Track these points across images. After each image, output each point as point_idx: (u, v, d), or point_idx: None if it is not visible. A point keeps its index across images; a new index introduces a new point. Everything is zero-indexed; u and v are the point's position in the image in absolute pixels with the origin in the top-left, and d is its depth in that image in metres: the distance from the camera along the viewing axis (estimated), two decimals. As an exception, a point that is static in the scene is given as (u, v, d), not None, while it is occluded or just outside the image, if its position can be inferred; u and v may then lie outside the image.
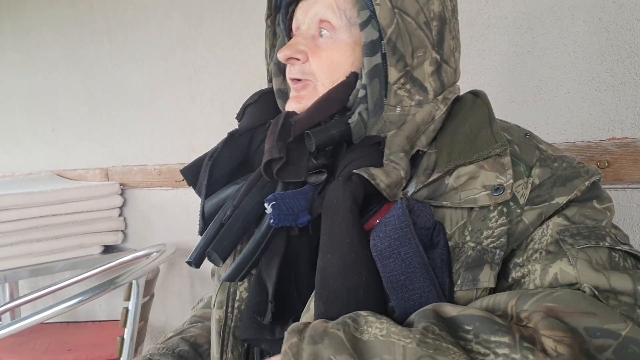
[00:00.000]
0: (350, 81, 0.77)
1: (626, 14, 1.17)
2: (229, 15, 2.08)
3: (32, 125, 3.20)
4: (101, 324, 2.40)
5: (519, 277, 0.67)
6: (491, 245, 0.68)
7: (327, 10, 0.77)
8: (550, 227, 0.68)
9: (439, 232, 0.68)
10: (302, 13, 0.80)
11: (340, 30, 0.77)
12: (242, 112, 0.88)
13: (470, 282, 0.67)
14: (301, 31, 0.81)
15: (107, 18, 2.60)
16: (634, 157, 1.17)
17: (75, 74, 2.84)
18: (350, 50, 0.77)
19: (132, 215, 2.60)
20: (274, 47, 0.88)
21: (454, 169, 0.71)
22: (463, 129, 0.75)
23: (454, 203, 0.69)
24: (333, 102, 0.77)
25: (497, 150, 0.70)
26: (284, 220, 0.72)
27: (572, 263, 0.63)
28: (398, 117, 0.75)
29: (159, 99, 2.41)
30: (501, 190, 0.68)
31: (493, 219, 0.68)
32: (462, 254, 0.68)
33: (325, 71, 0.78)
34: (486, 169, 0.70)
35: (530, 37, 1.30)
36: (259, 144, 0.85)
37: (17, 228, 2.28)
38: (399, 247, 0.65)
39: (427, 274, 0.65)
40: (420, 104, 0.76)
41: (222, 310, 0.83)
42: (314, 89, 0.80)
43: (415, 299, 0.65)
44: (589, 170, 0.72)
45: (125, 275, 1.78)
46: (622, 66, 1.19)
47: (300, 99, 0.80)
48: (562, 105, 1.27)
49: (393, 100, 0.75)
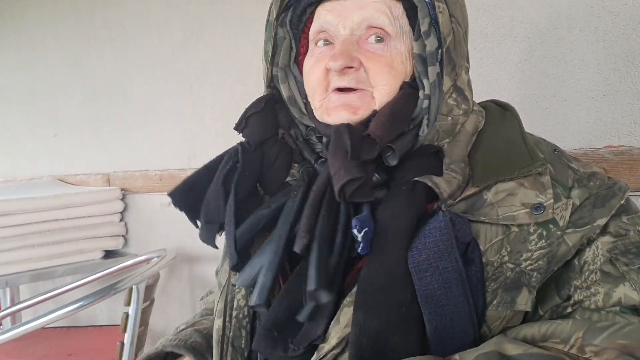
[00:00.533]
0: (411, 92, 0.75)
1: (622, 23, 1.18)
2: (230, 22, 2.09)
3: (34, 131, 3.21)
4: (102, 328, 2.41)
5: (581, 299, 0.68)
6: (529, 267, 0.68)
7: (380, 16, 0.73)
8: (599, 247, 0.69)
9: (474, 249, 0.67)
10: (338, 15, 0.74)
11: (396, 38, 0.74)
12: (245, 121, 0.80)
13: (508, 303, 0.68)
14: (342, 36, 0.75)
15: (109, 25, 2.61)
16: (630, 165, 1.18)
17: (77, 79, 2.85)
18: (406, 59, 0.75)
19: (133, 220, 2.61)
20: (277, 50, 0.82)
21: (493, 184, 0.70)
22: (497, 144, 0.75)
23: (492, 219, 0.68)
24: (406, 115, 0.74)
25: (539, 169, 0.70)
26: (368, 246, 0.68)
27: (635, 288, 0.66)
28: (450, 126, 0.74)
29: (160, 105, 2.42)
30: (542, 209, 0.68)
31: (533, 241, 0.69)
32: (499, 274, 0.68)
33: (387, 79, 0.74)
34: (526, 187, 0.69)
35: (528, 45, 1.32)
36: (274, 158, 0.80)
37: (19, 233, 2.28)
38: (437, 261, 0.64)
39: (462, 289, 0.64)
40: (466, 113, 0.76)
41: (220, 320, 0.82)
42: (370, 97, 0.74)
43: (447, 313, 0.64)
44: (622, 187, 0.74)
45: (126, 281, 1.79)
46: (619, 75, 1.20)
47: (357, 109, 0.74)
48: (559, 113, 1.28)
49: (445, 110, 0.73)
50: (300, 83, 0.82)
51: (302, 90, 0.82)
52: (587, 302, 0.67)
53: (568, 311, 0.69)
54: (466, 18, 0.78)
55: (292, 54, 0.82)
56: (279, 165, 0.80)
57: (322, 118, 0.77)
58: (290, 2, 0.79)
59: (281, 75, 0.82)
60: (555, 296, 0.70)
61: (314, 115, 0.80)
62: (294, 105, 0.83)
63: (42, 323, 1.66)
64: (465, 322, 0.65)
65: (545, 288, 0.71)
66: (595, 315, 0.66)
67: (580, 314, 0.67)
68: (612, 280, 0.67)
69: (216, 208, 0.78)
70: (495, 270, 0.68)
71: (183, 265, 2.39)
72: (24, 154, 3.33)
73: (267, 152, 0.80)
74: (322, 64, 0.75)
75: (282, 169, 0.81)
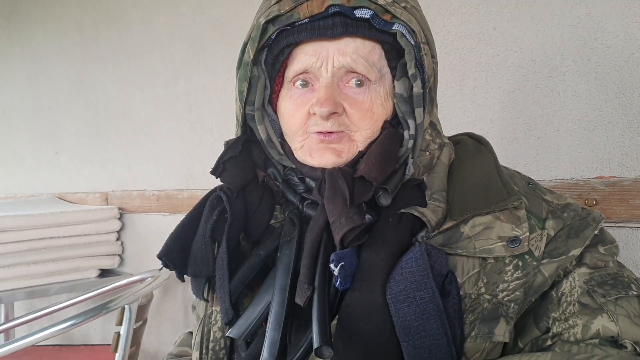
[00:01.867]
0: (395, 133, 0.75)
1: (614, 55, 1.19)
2: (230, 45, 2.12)
3: (35, 148, 3.23)
4: (94, 347, 2.39)
5: (559, 332, 0.68)
6: (506, 298, 0.69)
7: (359, 65, 0.73)
8: (576, 278, 0.70)
9: (451, 281, 0.67)
10: (317, 59, 0.74)
11: (375, 82, 0.75)
12: (222, 165, 0.78)
13: (486, 335, 0.68)
14: (324, 79, 0.74)
15: (112, 45, 2.64)
16: (621, 196, 1.18)
17: (80, 98, 2.88)
18: (385, 101, 0.76)
19: (130, 239, 2.61)
20: (251, 89, 0.79)
21: (469, 218, 0.70)
22: (472, 178, 0.76)
23: (469, 252, 0.69)
24: (394, 155, 0.74)
25: (515, 203, 0.70)
26: (348, 281, 0.68)
27: (613, 319, 0.66)
28: (428, 160, 0.77)
29: (160, 125, 2.44)
30: (517, 242, 0.69)
31: (509, 272, 0.69)
32: (477, 305, 0.69)
33: (369, 123, 0.74)
34: (502, 220, 0.70)
35: (521, 75, 1.33)
36: (258, 203, 0.80)
37: (15, 250, 2.28)
38: (414, 291, 0.64)
39: (440, 321, 0.64)
40: (441, 147, 0.79)
41: (197, 352, 0.81)
42: (350, 140, 0.75)
43: (425, 346, 0.64)
44: (595, 218, 0.74)
45: (118, 300, 1.78)
46: (610, 106, 1.20)
47: (341, 152, 0.74)
48: (551, 143, 1.29)
49: (423, 145, 0.77)
50: (275, 122, 0.81)
51: (277, 129, 0.81)
52: (566, 335, 0.67)
53: (548, 344, 0.68)
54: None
55: (266, 93, 0.80)
56: (263, 210, 0.80)
57: (304, 160, 0.77)
58: (266, 43, 0.76)
59: (257, 116, 0.79)
60: (534, 328, 0.70)
61: (293, 156, 0.79)
62: (271, 147, 0.81)
63: (33, 340, 1.65)
64: (444, 354, 0.64)
65: (523, 320, 0.71)
66: (574, 347, 0.66)
67: (559, 346, 0.67)
68: (590, 312, 0.67)
69: (204, 262, 0.76)
70: (473, 302, 0.69)
71: (177, 286, 2.38)
72: (24, 171, 3.34)
73: (249, 197, 0.80)
74: (305, 108, 0.75)
75: (266, 213, 0.81)
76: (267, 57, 0.78)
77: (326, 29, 0.72)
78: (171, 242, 0.78)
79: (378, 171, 0.70)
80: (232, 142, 0.80)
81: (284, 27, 0.73)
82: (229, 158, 0.79)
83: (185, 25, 2.28)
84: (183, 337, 1.07)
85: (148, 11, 2.44)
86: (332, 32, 0.71)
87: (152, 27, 2.43)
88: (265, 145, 0.81)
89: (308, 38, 0.73)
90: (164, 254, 0.77)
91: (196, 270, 0.77)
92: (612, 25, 1.19)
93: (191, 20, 2.25)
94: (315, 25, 0.72)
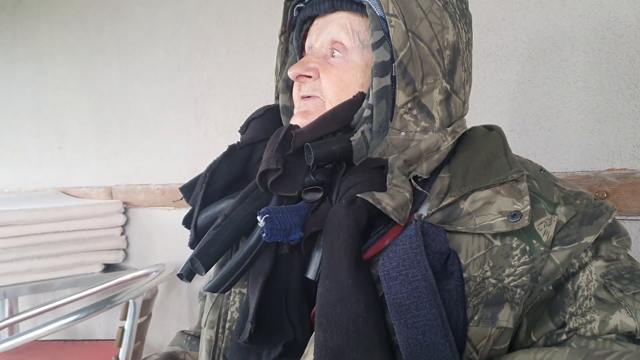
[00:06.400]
0: (357, 100, 0.77)
1: (626, 45, 1.17)
2: (235, 39, 2.10)
3: (40, 143, 3.23)
4: (98, 343, 2.39)
5: (576, 327, 0.67)
6: (512, 283, 0.67)
7: (340, 31, 0.78)
8: (593, 272, 0.68)
9: (454, 262, 0.66)
10: (316, 32, 0.81)
11: (352, 51, 0.78)
12: (246, 125, 0.88)
13: (489, 319, 0.66)
14: (314, 50, 0.81)
15: (116, 40, 2.63)
16: (632, 188, 1.16)
17: (84, 93, 2.87)
18: (361, 71, 0.78)
19: (134, 234, 2.61)
20: (285, 64, 0.89)
21: (469, 194, 0.70)
22: (478, 156, 0.75)
23: (469, 228, 0.68)
24: (337, 119, 0.77)
25: (514, 175, 0.69)
26: (276, 235, 0.71)
27: (631, 315, 0.64)
28: (402, 141, 0.74)
29: (164, 119, 2.43)
30: (518, 216, 0.67)
31: (516, 256, 0.68)
32: (481, 289, 0.67)
33: (334, 89, 0.78)
34: (502, 194, 0.69)
35: (531, 66, 1.31)
36: (258, 158, 0.84)
37: (19, 244, 2.28)
38: (407, 269, 0.64)
39: (434, 300, 0.63)
40: (426, 130, 0.75)
41: (213, 331, 0.82)
42: (321, 105, 0.80)
43: (419, 326, 0.63)
44: (608, 207, 0.73)
45: (122, 294, 1.77)
46: (622, 97, 1.18)
47: (307, 114, 0.80)
48: (561, 134, 1.27)
49: (398, 124, 0.74)
50: None
51: None
52: (583, 330, 0.66)
53: (563, 338, 0.67)
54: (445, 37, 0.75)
55: None
56: None
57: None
58: (293, 20, 0.87)
59: (282, 86, 0.89)
60: (549, 322, 0.68)
61: None
62: (285, 114, 0.89)
63: (37, 335, 1.65)
64: (439, 337, 0.62)
65: (537, 312, 0.69)
66: (592, 343, 0.64)
67: (576, 341, 0.65)
68: (608, 307, 0.66)
69: (196, 194, 0.84)
70: (478, 285, 0.67)
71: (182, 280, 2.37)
72: (29, 165, 3.34)
73: (254, 152, 0.86)
74: None
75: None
76: (296, 35, 0.87)
77: (318, 4, 0.80)
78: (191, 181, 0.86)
79: (308, 129, 0.76)
80: (260, 108, 0.90)
81: (297, 4, 0.84)
82: (251, 119, 0.88)
83: (189, 18, 2.27)
84: (175, 336, 1.06)
85: (152, 5, 2.43)
86: (323, 7, 0.80)
87: (156, 21, 2.42)
88: (281, 112, 0.89)
89: (308, 14, 0.82)
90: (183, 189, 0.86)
91: (192, 199, 0.85)
92: (623, 14, 1.17)
93: (196, 14, 2.24)
94: (314, 2, 0.81)
